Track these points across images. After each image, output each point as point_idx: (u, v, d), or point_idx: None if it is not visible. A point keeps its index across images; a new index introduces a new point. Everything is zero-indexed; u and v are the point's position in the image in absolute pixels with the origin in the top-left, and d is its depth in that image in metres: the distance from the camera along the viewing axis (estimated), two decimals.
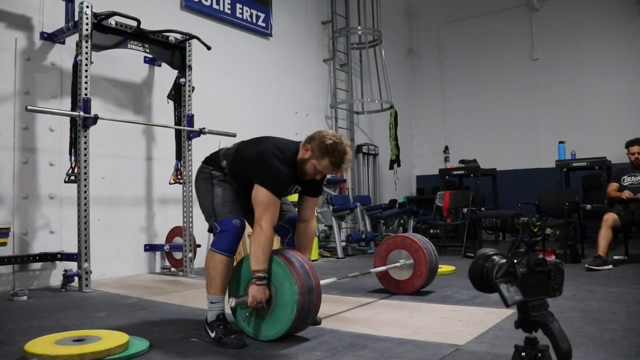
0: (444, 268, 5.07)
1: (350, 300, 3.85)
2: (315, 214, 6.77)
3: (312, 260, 6.46)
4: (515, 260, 1.39)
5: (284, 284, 2.61)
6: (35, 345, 2.41)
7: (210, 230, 2.89)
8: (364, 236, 7.26)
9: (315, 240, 6.76)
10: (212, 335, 2.67)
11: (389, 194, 9.93)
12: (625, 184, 5.82)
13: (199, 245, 5.60)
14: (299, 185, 2.93)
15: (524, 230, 1.45)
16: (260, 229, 2.65)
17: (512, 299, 1.35)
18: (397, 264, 3.96)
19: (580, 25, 9.49)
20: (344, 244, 7.25)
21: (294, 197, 3.11)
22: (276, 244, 3.11)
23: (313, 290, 2.67)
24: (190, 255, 5.30)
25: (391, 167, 9.33)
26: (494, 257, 1.47)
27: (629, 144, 5.96)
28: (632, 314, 3.14)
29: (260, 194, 2.68)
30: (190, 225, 5.33)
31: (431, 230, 8.27)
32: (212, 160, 3.02)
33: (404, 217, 8.35)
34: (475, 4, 10.63)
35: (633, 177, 5.83)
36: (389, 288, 4.07)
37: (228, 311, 2.78)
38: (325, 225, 7.74)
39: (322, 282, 2.89)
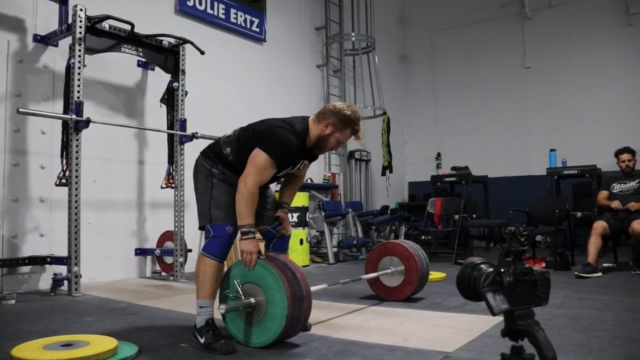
0: (434, 275, 5.08)
1: (340, 306, 3.85)
2: (308, 220, 6.83)
3: (303, 266, 6.51)
4: (502, 270, 1.40)
5: (276, 297, 2.60)
6: (22, 350, 2.40)
7: (201, 228, 2.88)
8: (355, 242, 7.26)
9: (307, 245, 6.77)
10: (202, 340, 2.66)
11: (380, 200, 9.95)
12: (614, 192, 5.87)
13: (190, 250, 5.59)
14: (307, 160, 3.00)
15: (510, 239, 1.45)
16: (244, 185, 2.70)
17: (499, 308, 1.36)
18: (388, 271, 3.97)
19: (572, 35, 9.58)
20: (335, 249, 7.25)
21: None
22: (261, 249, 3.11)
23: (304, 299, 2.67)
24: (181, 259, 5.29)
25: (383, 174, 9.35)
26: (482, 265, 1.48)
27: (618, 153, 6.01)
28: (620, 322, 3.16)
29: (259, 157, 2.73)
30: (182, 229, 5.32)
31: (422, 237, 8.29)
32: (211, 152, 2.98)
33: (395, 223, 8.37)
34: (468, 12, 10.71)
35: (622, 185, 5.88)
36: (380, 294, 4.07)
37: (217, 316, 2.77)
38: (316, 231, 7.74)
39: (313, 288, 2.90)
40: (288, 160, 2.86)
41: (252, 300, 2.68)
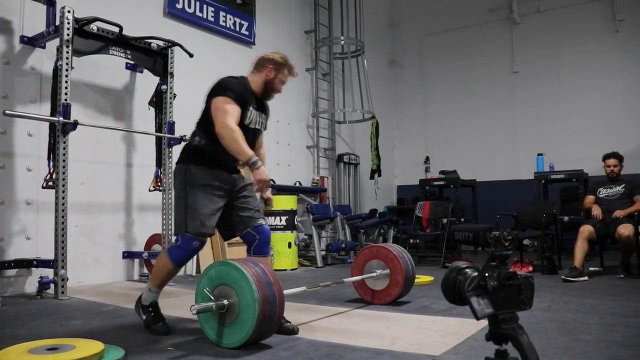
0: (422, 278, 5.10)
1: (328, 309, 3.84)
2: (296, 223, 6.83)
3: (291, 270, 6.52)
4: (486, 274, 1.41)
5: (243, 287, 2.65)
6: (7, 355, 2.38)
7: (176, 235, 3.14)
8: (343, 245, 7.27)
9: (295, 248, 6.77)
10: (143, 317, 3.10)
11: (369, 204, 9.97)
12: (601, 196, 5.92)
13: None
14: (260, 110, 3.27)
15: (495, 244, 1.46)
16: (223, 128, 2.89)
17: (483, 312, 1.37)
18: (374, 274, 3.98)
19: (560, 40, 9.68)
20: (323, 253, 7.26)
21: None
22: (240, 254, 3.16)
23: (272, 285, 2.71)
24: None
25: (372, 177, 9.37)
26: (467, 270, 1.49)
27: (605, 157, 6.07)
28: (605, 325, 3.19)
29: (217, 102, 2.99)
30: (169, 232, 5.30)
31: (411, 240, 8.31)
32: (184, 153, 3.19)
33: (384, 227, 8.38)
34: (457, 16, 10.78)
35: (608, 189, 5.93)
36: (366, 298, 4.08)
37: (195, 318, 2.79)
38: (305, 234, 7.74)
39: (292, 290, 3.02)
40: (241, 94, 3.05)
41: (225, 301, 2.70)
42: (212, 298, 2.72)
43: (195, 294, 2.86)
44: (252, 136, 3.19)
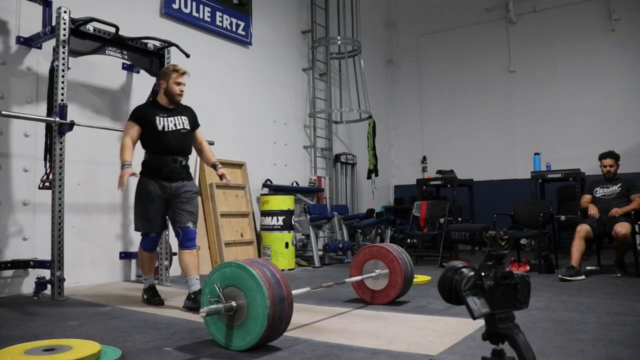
0: (419, 278, 5.10)
1: (325, 309, 3.85)
2: (293, 223, 6.83)
3: (289, 270, 6.51)
4: (482, 273, 1.41)
5: (256, 297, 2.62)
6: (4, 356, 2.38)
7: (136, 230, 4.12)
8: (341, 245, 7.26)
9: (292, 248, 6.77)
10: (145, 297, 4.13)
11: (366, 204, 9.97)
12: (597, 196, 5.93)
13: (175, 253, 5.55)
14: (171, 115, 4.09)
15: (491, 243, 1.47)
16: (122, 141, 3.96)
17: (479, 311, 1.37)
18: (373, 274, 3.98)
19: (556, 40, 9.68)
20: (321, 253, 7.25)
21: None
22: (237, 254, 3.12)
23: (284, 299, 2.68)
24: (166, 263, 5.27)
25: (369, 177, 9.37)
26: (463, 269, 1.49)
27: (601, 157, 6.07)
28: (601, 324, 3.20)
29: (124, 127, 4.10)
30: (166, 233, 5.29)
31: (408, 240, 8.32)
32: (141, 166, 4.11)
33: (381, 226, 8.37)
34: (453, 16, 10.79)
35: (605, 189, 5.93)
36: (365, 298, 4.09)
37: (201, 320, 2.76)
38: (302, 234, 7.73)
39: (296, 291, 2.95)
40: (143, 114, 4.00)
41: (233, 303, 2.69)
42: (221, 296, 2.70)
43: (204, 284, 2.84)
44: (177, 136, 4.03)
